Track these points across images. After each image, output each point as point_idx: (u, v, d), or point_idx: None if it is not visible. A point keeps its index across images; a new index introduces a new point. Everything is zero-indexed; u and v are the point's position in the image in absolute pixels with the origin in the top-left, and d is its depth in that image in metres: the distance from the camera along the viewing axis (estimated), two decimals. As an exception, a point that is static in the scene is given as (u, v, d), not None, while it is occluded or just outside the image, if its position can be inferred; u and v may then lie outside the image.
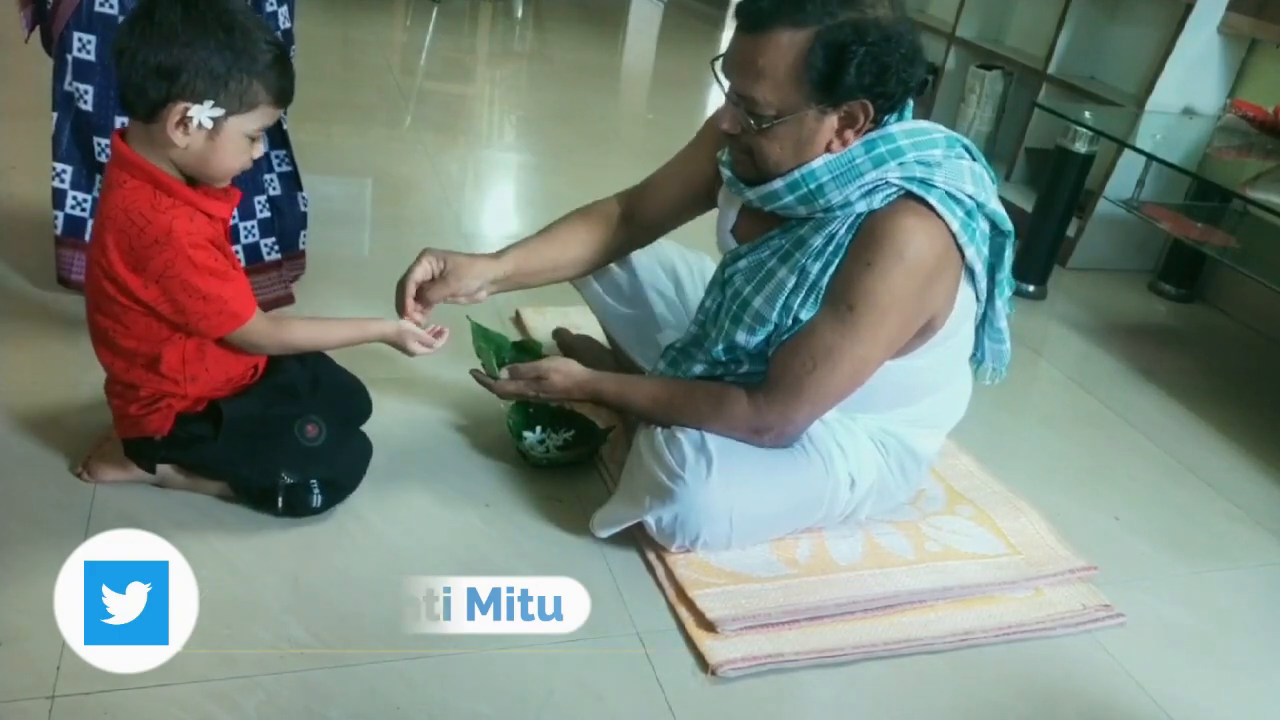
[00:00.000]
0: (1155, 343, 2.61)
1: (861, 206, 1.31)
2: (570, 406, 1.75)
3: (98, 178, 1.79)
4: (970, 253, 1.34)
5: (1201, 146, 2.77)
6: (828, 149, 1.31)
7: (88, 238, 1.81)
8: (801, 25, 1.23)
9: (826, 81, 1.24)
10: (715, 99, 4.75)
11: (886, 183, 1.30)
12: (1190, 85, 2.86)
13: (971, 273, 1.37)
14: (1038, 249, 2.70)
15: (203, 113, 1.22)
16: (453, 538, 1.46)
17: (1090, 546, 1.63)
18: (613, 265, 1.71)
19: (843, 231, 1.33)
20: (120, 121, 1.71)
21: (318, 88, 3.61)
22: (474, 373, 1.62)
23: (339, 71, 4.01)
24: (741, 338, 1.40)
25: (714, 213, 1.58)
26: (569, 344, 1.96)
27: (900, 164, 1.30)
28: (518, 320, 2.12)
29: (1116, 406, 2.19)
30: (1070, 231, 2.88)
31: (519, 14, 5.75)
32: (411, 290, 1.52)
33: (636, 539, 1.48)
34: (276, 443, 1.40)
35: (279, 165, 1.97)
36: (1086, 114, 2.74)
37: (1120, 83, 3.22)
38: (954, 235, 1.31)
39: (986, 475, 1.78)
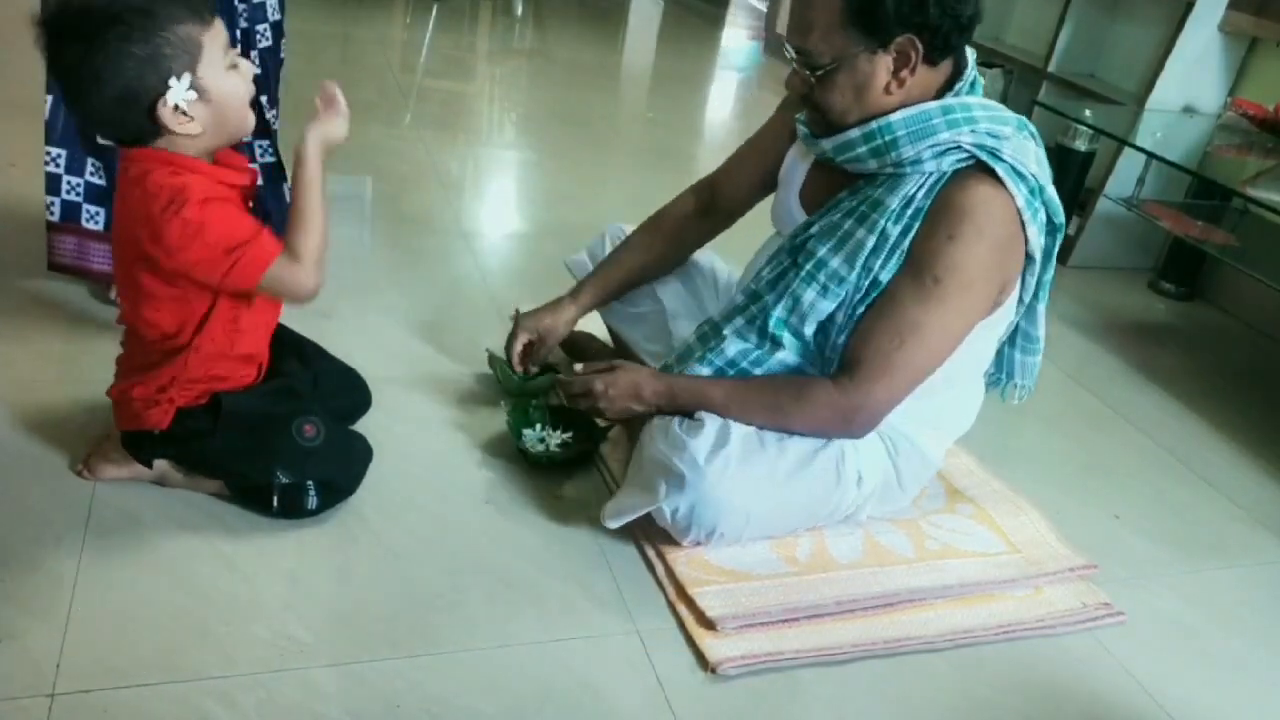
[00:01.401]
0: (1155, 341, 2.61)
1: (931, 166, 1.34)
2: (556, 399, 1.75)
3: (89, 161, 1.79)
4: (1032, 232, 1.35)
5: (1202, 145, 2.77)
6: (887, 91, 1.33)
7: (84, 222, 1.83)
8: None
9: (867, 19, 1.28)
10: (715, 97, 4.75)
11: (959, 146, 1.33)
12: (1191, 83, 2.86)
13: (1031, 259, 1.39)
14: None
15: (181, 91, 1.20)
16: (452, 535, 1.46)
17: (1090, 545, 1.63)
18: None
19: (920, 195, 1.34)
20: None
21: (317, 85, 3.61)
22: (559, 380, 1.63)
23: (338, 69, 4.01)
24: (811, 298, 1.39)
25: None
26: (571, 341, 1.95)
27: (973, 130, 1.33)
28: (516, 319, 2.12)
29: (1116, 405, 2.19)
30: (1070, 230, 2.88)
31: (519, 12, 5.75)
32: (516, 358, 1.74)
33: (636, 536, 1.48)
34: (273, 441, 1.39)
35: (262, 155, 1.97)
36: (1087, 112, 2.74)
37: (1121, 81, 3.22)
38: (1019, 211, 1.33)
39: (986, 473, 1.78)
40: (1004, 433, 1.98)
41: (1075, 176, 2.66)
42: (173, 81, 1.19)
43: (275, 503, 1.39)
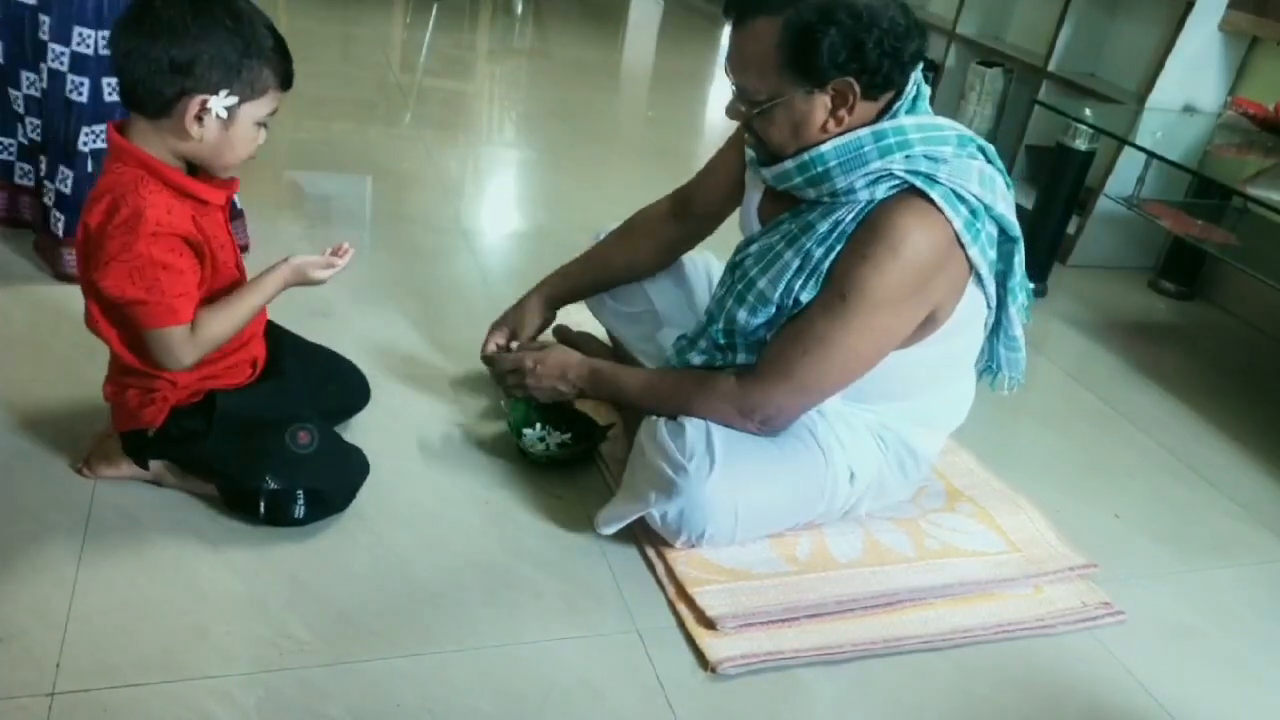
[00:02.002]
0: (1155, 340, 2.61)
1: (865, 195, 1.32)
2: (571, 404, 1.75)
3: (24, 122, 1.91)
4: (974, 253, 1.33)
5: (1202, 144, 2.77)
6: (824, 129, 1.32)
7: (16, 179, 2.00)
8: (773, 13, 1.27)
9: (801, 64, 1.27)
10: (715, 95, 4.75)
11: (891, 174, 1.31)
12: (1191, 82, 2.86)
13: (979, 275, 1.37)
14: (1038, 246, 2.69)
15: (220, 103, 1.23)
16: (452, 535, 1.46)
17: (1090, 544, 1.63)
18: None
19: (849, 219, 1.34)
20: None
21: (317, 85, 3.61)
22: (490, 356, 1.71)
23: (339, 68, 4.01)
24: (742, 317, 1.41)
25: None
26: (570, 341, 1.95)
27: (907, 156, 1.31)
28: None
29: (1117, 404, 2.19)
30: (1070, 229, 2.88)
31: (519, 11, 5.75)
32: (491, 356, 1.73)
33: (636, 536, 1.48)
34: (266, 445, 1.38)
35: None
36: (1087, 111, 2.74)
37: (1121, 80, 3.22)
38: (956, 234, 1.31)
39: (986, 473, 1.78)
40: (1004, 432, 1.98)
41: (1075, 175, 2.65)
42: (223, 92, 1.23)
43: (262, 509, 1.37)
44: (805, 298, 1.35)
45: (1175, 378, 2.36)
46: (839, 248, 1.33)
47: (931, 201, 1.29)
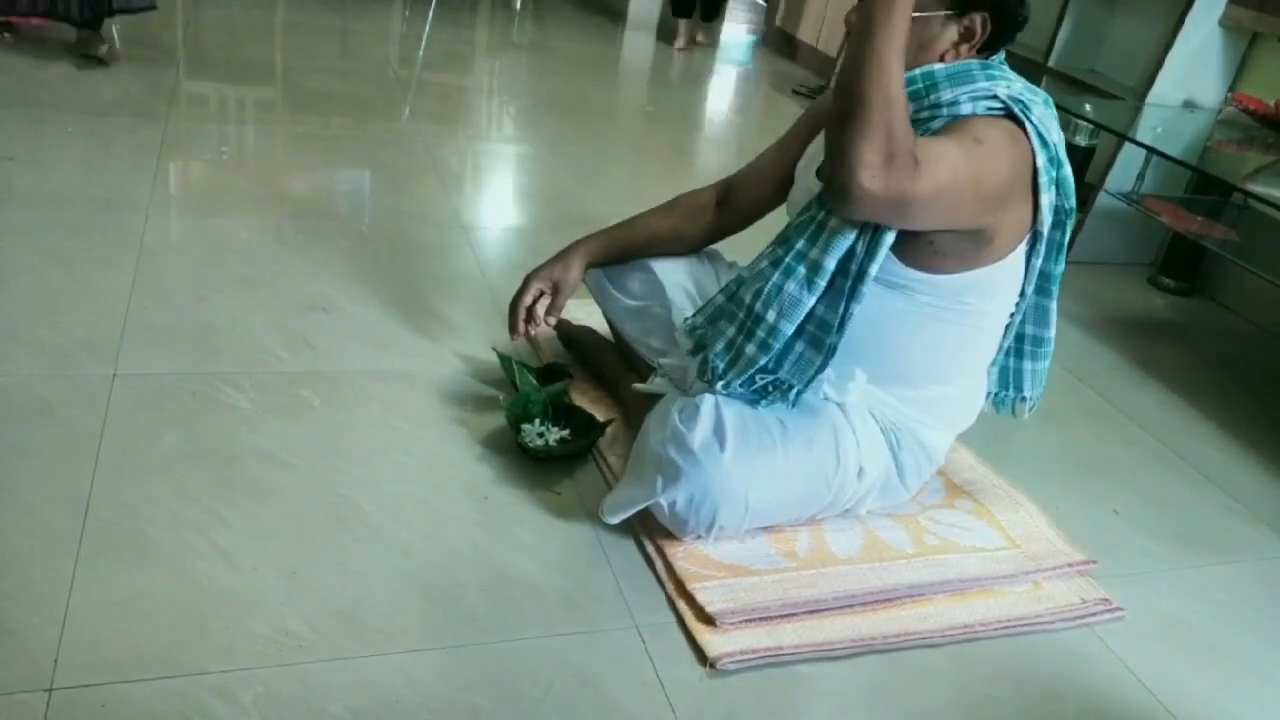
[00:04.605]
0: (1155, 337, 2.61)
1: (967, 109, 1.34)
2: (568, 400, 1.75)
3: None
4: (1045, 200, 1.36)
5: (1202, 140, 2.77)
6: (941, 59, 1.38)
7: None
8: None
9: None
10: (715, 91, 4.74)
11: (995, 95, 1.34)
12: (1191, 78, 2.86)
13: (1035, 234, 1.39)
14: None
15: None
16: (450, 530, 1.46)
17: (1089, 540, 1.63)
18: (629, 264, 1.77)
19: (937, 125, 1.34)
20: None
21: (316, 79, 3.61)
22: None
23: (337, 63, 4.00)
24: (833, 222, 1.36)
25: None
26: (570, 335, 1.95)
27: (1009, 85, 1.36)
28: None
29: (1116, 400, 2.19)
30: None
31: (518, 6, 5.73)
32: (521, 314, 1.69)
33: (636, 531, 1.48)
34: None
35: None
36: (1087, 107, 2.74)
37: (1121, 76, 3.21)
38: (1037, 169, 1.34)
39: (986, 469, 1.78)
40: (1003, 428, 1.98)
41: (1075, 171, 2.65)
42: None
43: None
44: None
45: (1174, 374, 2.36)
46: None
47: (1024, 130, 1.33)
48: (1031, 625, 1.44)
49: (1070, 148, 2.58)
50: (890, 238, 1.35)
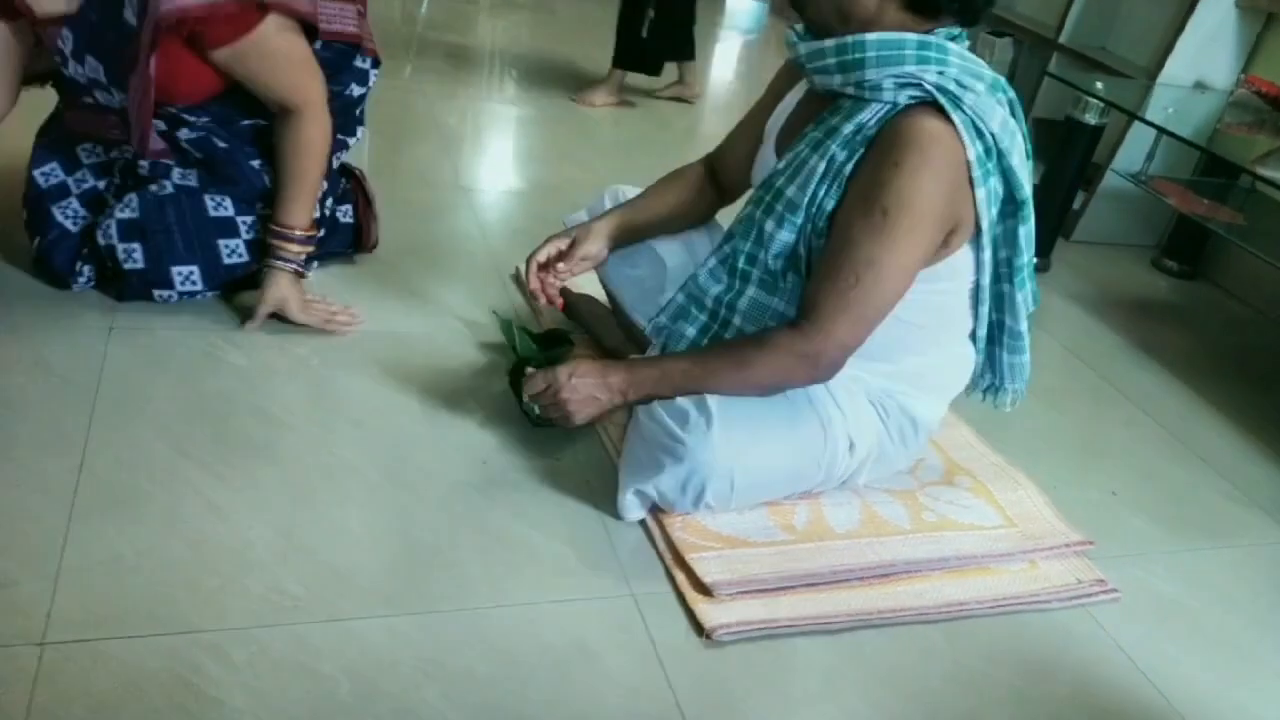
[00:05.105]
0: (1156, 319, 2.60)
1: (890, 96, 1.31)
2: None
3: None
4: (980, 194, 1.32)
5: (1212, 121, 2.74)
6: (875, 17, 1.31)
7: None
8: None
9: None
10: (720, 59, 4.69)
11: (920, 83, 1.30)
12: (1203, 59, 2.83)
13: (978, 229, 1.35)
14: (1043, 221, 2.67)
15: None
16: (449, 495, 1.45)
17: (1086, 521, 1.63)
18: None
19: (871, 122, 1.33)
20: None
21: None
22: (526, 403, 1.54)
23: (338, 18, 3.93)
24: (769, 228, 1.38)
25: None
26: (570, 302, 1.93)
27: (940, 72, 1.30)
28: (517, 277, 2.10)
29: (1116, 381, 2.18)
30: (1076, 204, 2.86)
31: (522, -35, 5.65)
32: (534, 269, 1.62)
33: (633, 501, 1.47)
34: None
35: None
36: (1098, 85, 2.71)
37: (1132, 54, 3.18)
38: (968, 163, 1.30)
39: (985, 447, 1.78)
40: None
41: (1083, 150, 2.63)
42: None
43: None
44: (829, 204, 1.34)
45: (1175, 357, 2.35)
46: (860, 152, 1.33)
47: (951, 123, 1.28)
48: (1027, 604, 1.44)
49: (1079, 126, 2.57)
50: (822, 242, 1.37)
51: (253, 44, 1.54)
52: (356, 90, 1.83)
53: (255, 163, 1.73)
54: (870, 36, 1.30)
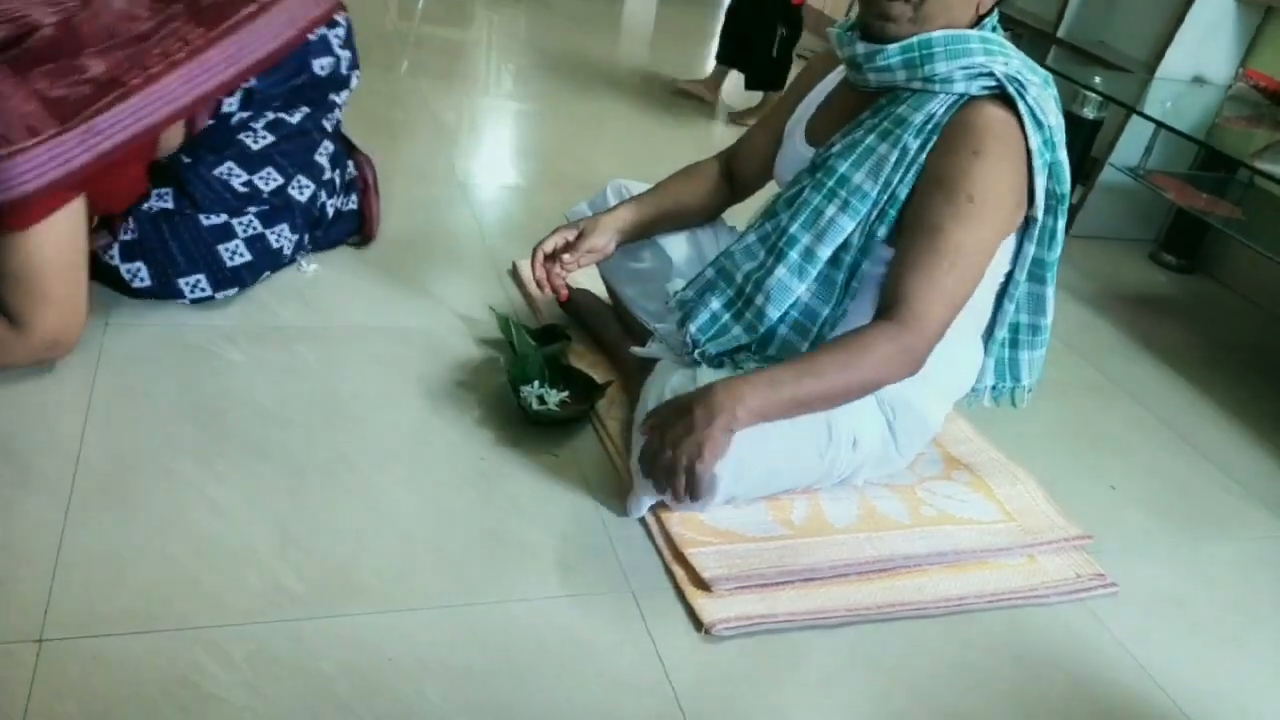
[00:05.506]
0: (1154, 313, 2.60)
1: (961, 87, 1.34)
2: (566, 362, 1.73)
3: None
4: (1039, 182, 1.36)
5: (1211, 115, 2.74)
6: (976, 10, 1.37)
7: None
8: None
9: None
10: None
11: (990, 73, 1.33)
12: (1202, 53, 2.83)
13: (1026, 222, 1.39)
14: (1041, 215, 2.68)
15: None
16: (446, 490, 1.45)
17: (1085, 515, 1.63)
18: None
19: (942, 111, 1.35)
20: None
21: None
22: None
23: (335, 12, 3.92)
24: (831, 212, 1.39)
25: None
26: (571, 297, 1.93)
27: (1007, 62, 1.34)
28: (514, 273, 2.09)
29: (1114, 376, 2.18)
30: (1074, 198, 2.85)
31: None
32: (540, 259, 1.61)
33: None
34: None
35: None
36: (1097, 79, 2.70)
37: (1131, 49, 3.18)
38: (1030, 152, 1.33)
39: (984, 441, 1.78)
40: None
41: (1082, 144, 2.63)
42: None
43: None
44: (902, 193, 1.36)
45: (1173, 351, 2.35)
46: (934, 140, 1.35)
47: (1016, 113, 1.32)
48: (1025, 598, 1.44)
49: (1077, 120, 2.56)
50: (884, 231, 1.38)
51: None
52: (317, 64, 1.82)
53: (222, 175, 1.74)
54: (935, 34, 1.34)
